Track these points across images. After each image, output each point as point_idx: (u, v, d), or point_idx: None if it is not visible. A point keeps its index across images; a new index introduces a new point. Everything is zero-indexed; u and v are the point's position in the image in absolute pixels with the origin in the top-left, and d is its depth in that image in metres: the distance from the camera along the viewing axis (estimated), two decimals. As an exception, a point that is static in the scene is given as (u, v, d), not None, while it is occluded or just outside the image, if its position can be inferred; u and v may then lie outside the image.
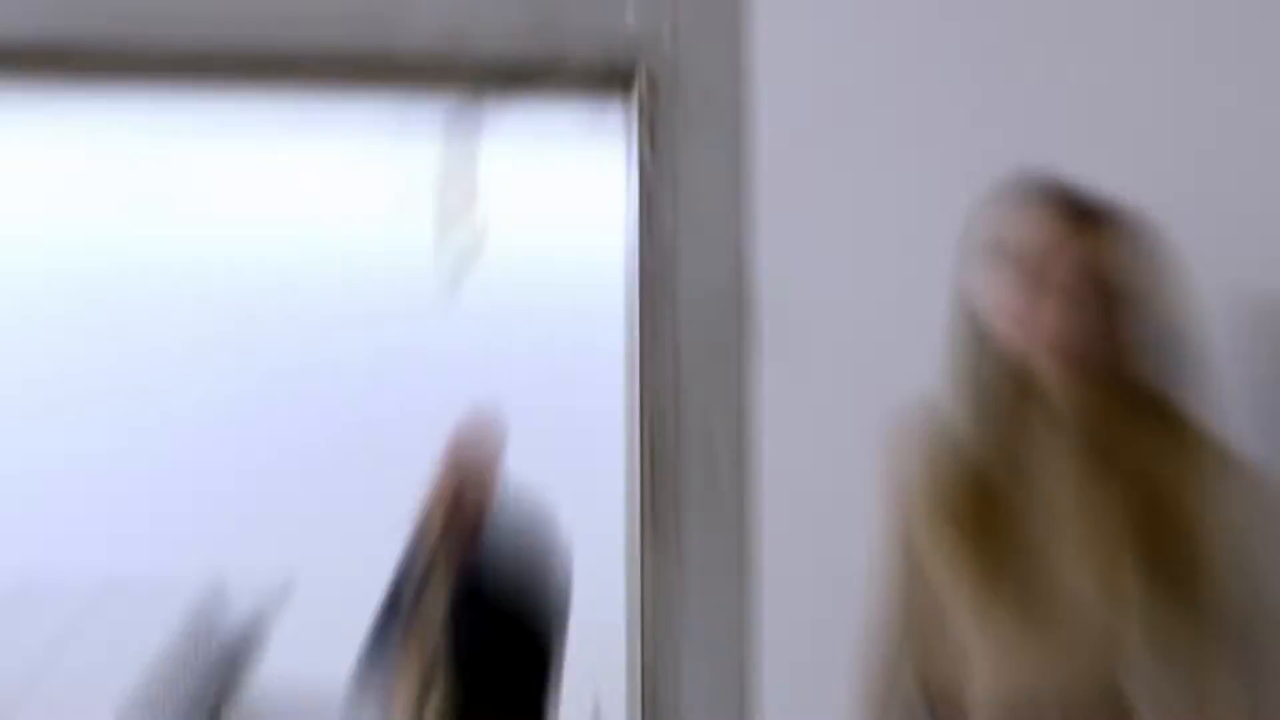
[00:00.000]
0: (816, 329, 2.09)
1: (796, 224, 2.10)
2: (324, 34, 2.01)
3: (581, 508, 4.08)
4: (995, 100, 2.17)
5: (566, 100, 2.26)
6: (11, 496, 5.22)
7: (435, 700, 3.13)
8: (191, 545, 5.14)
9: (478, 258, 4.25)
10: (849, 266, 2.10)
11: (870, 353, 2.10)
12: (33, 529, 5.20)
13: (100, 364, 5.67)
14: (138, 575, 4.64)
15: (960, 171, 2.09)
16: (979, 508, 1.47)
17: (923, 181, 2.13)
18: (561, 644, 3.39)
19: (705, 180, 2.07)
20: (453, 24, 2.02)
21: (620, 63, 2.06)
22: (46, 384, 5.55)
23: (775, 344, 2.07)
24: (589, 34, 2.06)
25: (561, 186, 5.24)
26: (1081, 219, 1.47)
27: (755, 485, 2.06)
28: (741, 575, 2.04)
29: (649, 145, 2.06)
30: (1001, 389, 1.50)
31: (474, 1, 2.02)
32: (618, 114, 2.26)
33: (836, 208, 2.11)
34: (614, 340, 2.30)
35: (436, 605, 3.20)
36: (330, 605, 4.65)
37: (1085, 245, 1.46)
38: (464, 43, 2.02)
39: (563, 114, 3.31)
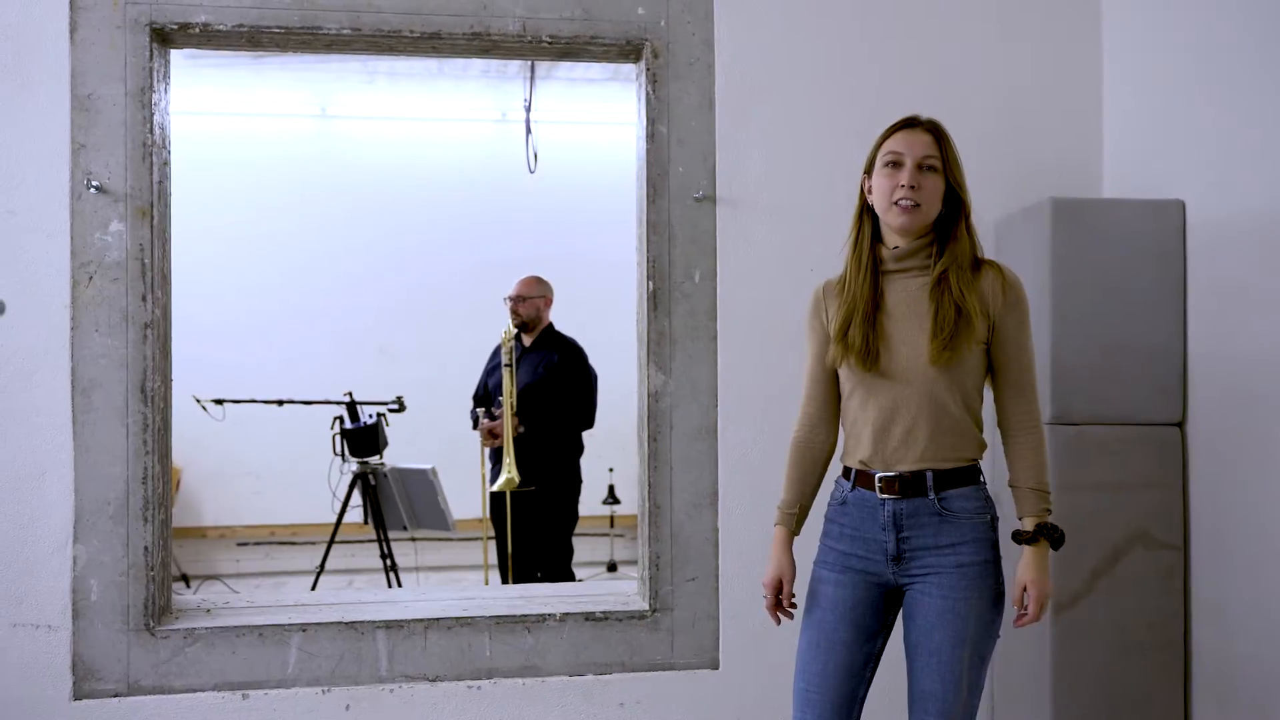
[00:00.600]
0: (758, 212, 3.12)
1: (743, 142, 3.10)
2: (445, 19, 2.97)
3: (610, 326, 5.38)
4: (873, 65, 3.18)
5: (601, 62, 3.23)
6: (217, 331, 6.75)
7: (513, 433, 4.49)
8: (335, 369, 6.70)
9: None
10: (778, 169, 3.12)
11: (791, 227, 3.12)
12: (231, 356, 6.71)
13: (284, 235, 7.35)
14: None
15: (850, 112, 3.13)
16: (844, 297, 2.24)
17: (825, 115, 3.14)
18: (592, 399, 4.75)
19: (687, 114, 3.07)
20: (528, 13, 3.01)
21: (634, 39, 3.03)
22: (254, 249, 7.24)
23: (730, 220, 3.10)
24: (615, 21, 3.03)
25: (599, 116, 6.64)
26: (918, 128, 2.22)
27: (719, 312, 3.08)
28: (711, 371, 3.09)
29: (652, 91, 3.04)
30: (868, 243, 2.22)
31: (543, 0, 2.99)
32: (633, 71, 3.17)
33: (769, 132, 3.12)
34: (630, 217, 3.25)
35: (511, 376, 4.56)
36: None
37: (920, 141, 2.19)
38: (535, 25, 3.01)
39: (599, 71, 4.48)
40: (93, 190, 2.84)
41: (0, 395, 2.83)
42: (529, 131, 5.72)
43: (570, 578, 4.83)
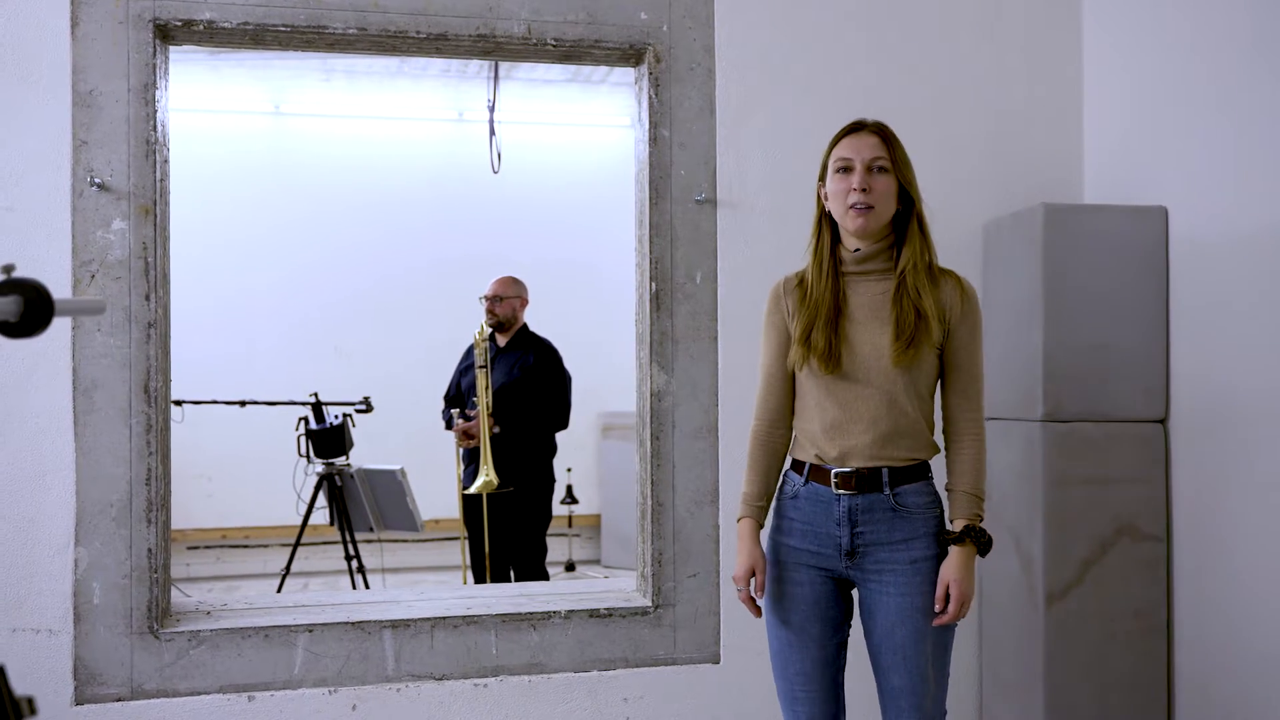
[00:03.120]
0: (758, 213, 3.18)
1: (743, 145, 3.16)
2: (452, 20, 2.99)
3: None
4: (868, 72, 3.27)
5: (603, 65, 3.27)
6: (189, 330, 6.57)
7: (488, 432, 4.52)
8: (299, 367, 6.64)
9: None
10: (777, 172, 3.18)
11: (790, 228, 3.18)
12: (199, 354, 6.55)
13: (236, 234, 7.14)
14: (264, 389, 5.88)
15: (847, 116, 3.21)
16: (806, 301, 2.28)
17: (823, 119, 3.21)
18: (566, 399, 4.79)
19: (688, 118, 3.12)
20: (533, 16, 3.04)
21: (637, 43, 3.08)
22: (206, 246, 6.86)
23: (730, 222, 3.16)
24: (619, 25, 3.06)
25: (557, 117, 6.86)
26: (864, 130, 2.27)
27: (719, 313, 3.14)
28: (712, 371, 3.14)
29: (655, 94, 3.09)
30: (828, 247, 2.28)
31: (548, 3, 3.02)
32: (593, 73, 3.19)
33: (769, 135, 3.19)
34: (630, 219, 3.29)
35: (486, 376, 4.59)
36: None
37: (867, 144, 2.24)
38: (540, 28, 3.04)
39: (559, 72, 4.46)
40: (94, 188, 2.80)
41: (-2, 396, 2.78)
42: (493, 132, 5.72)
43: (544, 576, 4.86)
